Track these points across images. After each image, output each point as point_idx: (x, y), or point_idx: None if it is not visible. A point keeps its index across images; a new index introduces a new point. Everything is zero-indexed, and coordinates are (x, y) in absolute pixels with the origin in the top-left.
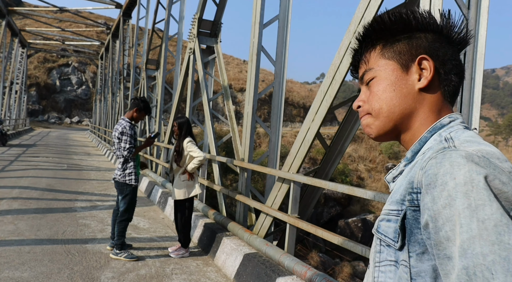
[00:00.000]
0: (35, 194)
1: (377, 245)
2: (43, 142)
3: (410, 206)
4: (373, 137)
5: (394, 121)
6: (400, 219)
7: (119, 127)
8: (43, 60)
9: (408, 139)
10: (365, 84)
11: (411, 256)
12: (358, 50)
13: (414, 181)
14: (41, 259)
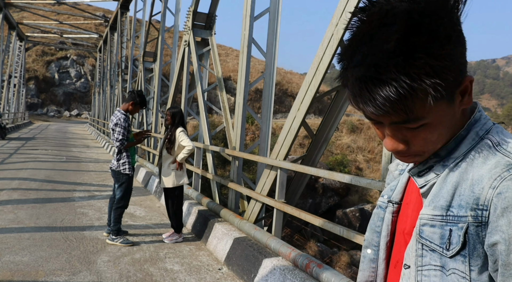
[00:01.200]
0: (34, 185)
1: (418, 249)
2: (42, 135)
3: (474, 222)
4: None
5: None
6: (463, 234)
7: (114, 119)
8: (41, 54)
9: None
10: (393, 131)
11: (472, 269)
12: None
13: (481, 197)
14: (40, 245)
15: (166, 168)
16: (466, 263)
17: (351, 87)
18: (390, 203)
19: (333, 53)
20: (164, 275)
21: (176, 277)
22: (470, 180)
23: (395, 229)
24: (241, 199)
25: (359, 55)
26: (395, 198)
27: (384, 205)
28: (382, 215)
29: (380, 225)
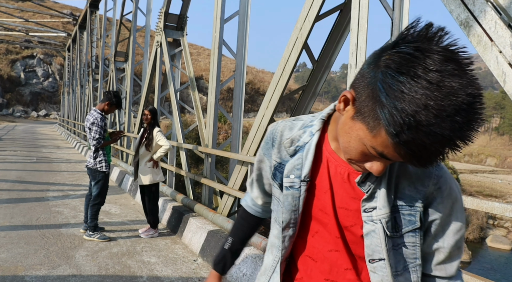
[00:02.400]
0: (5, 186)
1: (388, 242)
2: (9, 136)
3: (422, 208)
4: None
5: None
6: (419, 218)
7: (90, 118)
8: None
9: None
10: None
11: (420, 239)
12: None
13: (426, 191)
14: (17, 242)
15: (143, 166)
16: (417, 236)
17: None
18: (304, 182)
19: (298, 54)
20: (141, 267)
21: (153, 268)
22: (408, 178)
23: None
24: (214, 195)
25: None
26: (306, 177)
27: (297, 184)
28: (297, 194)
29: (297, 204)
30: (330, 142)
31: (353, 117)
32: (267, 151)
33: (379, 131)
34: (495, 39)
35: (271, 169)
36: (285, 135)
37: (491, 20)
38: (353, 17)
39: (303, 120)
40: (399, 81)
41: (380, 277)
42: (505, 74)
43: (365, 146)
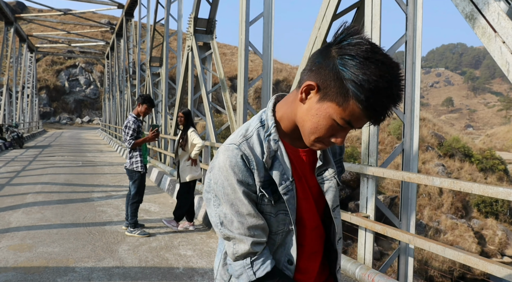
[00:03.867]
0: (55, 188)
1: (337, 193)
2: (57, 142)
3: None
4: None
5: None
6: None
7: (125, 122)
8: (51, 63)
9: None
10: (349, 128)
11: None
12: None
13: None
14: (68, 238)
15: (183, 165)
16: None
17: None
18: (293, 182)
19: None
20: (178, 259)
21: (189, 260)
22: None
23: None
24: None
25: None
26: (291, 176)
27: (290, 186)
28: (293, 194)
29: (295, 201)
30: (284, 139)
31: (319, 100)
32: (246, 178)
33: (348, 104)
34: (499, 30)
35: (258, 192)
36: (254, 154)
37: (494, 12)
38: (367, 15)
39: (251, 134)
40: (357, 62)
41: (338, 220)
42: (508, 64)
43: (334, 120)
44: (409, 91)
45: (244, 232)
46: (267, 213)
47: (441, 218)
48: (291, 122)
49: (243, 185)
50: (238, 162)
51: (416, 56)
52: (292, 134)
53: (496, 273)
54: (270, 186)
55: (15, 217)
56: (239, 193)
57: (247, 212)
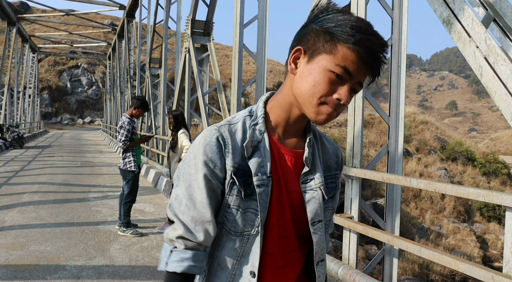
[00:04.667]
0: (52, 188)
1: (323, 206)
2: (58, 142)
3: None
4: (321, 124)
5: None
6: (339, 182)
7: (120, 123)
8: (53, 64)
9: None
10: (350, 87)
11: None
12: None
13: (338, 162)
14: (60, 237)
15: (173, 166)
16: (334, 201)
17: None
18: (270, 177)
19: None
20: None
21: None
22: (328, 153)
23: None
24: None
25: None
26: (270, 172)
27: (266, 181)
28: (267, 191)
29: (267, 199)
30: (272, 134)
31: (309, 60)
32: (217, 160)
33: (337, 49)
34: (472, 35)
35: (227, 178)
36: (235, 138)
37: (468, 17)
38: None
39: (237, 121)
40: (333, 14)
41: (319, 236)
42: (481, 68)
43: (329, 71)
44: (394, 93)
45: (185, 220)
46: (234, 206)
47: (443, 222)
48: (284, 109)
49: (207, 167)
50: (211, 141)
51: (402, 60)
52: (283, 129)
53: (467, 272)
54: (244, 176)
55: (10, 216)
56: (200, 174)
57: (200, 199)
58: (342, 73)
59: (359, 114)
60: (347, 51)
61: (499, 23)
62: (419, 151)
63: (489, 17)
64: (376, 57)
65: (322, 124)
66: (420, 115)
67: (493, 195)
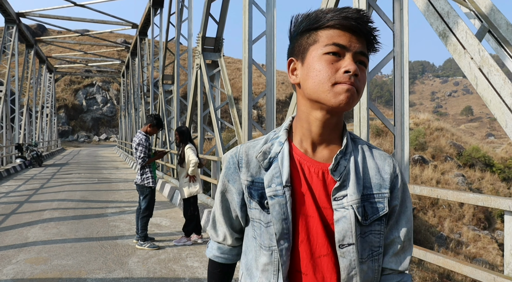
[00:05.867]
0: (71, 205)
1: (357, 227)
2: (75, 160)
3: (387, 194)
4: (346, 109)
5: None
6: (387, 204)
7: (136, 139)
8: (69, 83)
9: (336, 121)
10: (355, 61)
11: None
12: (373, 37)
13: (389, 179)
14: (81, 252)
15: (181, 181)
16: (383, 224)
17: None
18: (287, 187)
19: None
20: (185, 270)
21: (195, 271)
22: (373, 168)
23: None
24: None
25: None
26: (288, 182)
27: (281, 191)
28: (283, 201)
29: (286, 211)
30: (298, 147)
31: (303, 61)
32: (231, 176)
33: (318, 35)
34: (467, 47)
35: (244, 191)
36: (251, 153)
37: (462, 30)
38: None
39: (262, 138)
40: (304, 19)
41: (348, 261)
42: (476, 78)
43: (324, 54)
44: (398, 104)
45: (212, 220)
46: (256, 219)
47: (462, 229)
48: (304, 119)
49: (223, 184)
50: (228, 158)
51: (404, 71)
52: (310, 141)
53: (470, 274)
54: (262, 189)
55: (33, 232)
56: (218, 190)
57: (219, 210)
58: (335, 49)
59: (364, 125)
60: (329, 31)
61: (493, 34)
62: (435, 158)
63: (484, 29)
64: (358, 19)
65: (348, 106)
66: (435, 122)
67: (491, 199)
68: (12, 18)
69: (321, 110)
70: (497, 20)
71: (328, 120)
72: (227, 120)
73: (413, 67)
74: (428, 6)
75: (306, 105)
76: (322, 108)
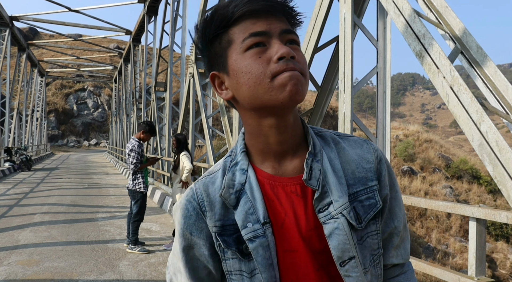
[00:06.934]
0: (62, 209)
1: (354, 236)
2: (64, 164)
3: (377, 186)
4: (300, 100)
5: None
6: (378, 197)
7: (129, 146)
8: (60, 87)
9: (293, 121)
10: (284, 42)
11: (380, 223)
12: (292, 12)
13: (372, 168)
14: (72, 254)
15: (174, 187)
16: (378, 222)
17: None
18: (267, 224)
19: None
20: None
21: None
22: (352, 161)
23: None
24: None
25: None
26: (266, 218)
27: (261, 231)
28: (266, 242)
29: (270, 254)
30: (262, 169)
31: (228, 71)
32: (194, 226)
33: (229, 35)
34: (440, 67)
35: (214, 241)
36: (212, 191)
37: (436, 51)
38: (341, 49)
39: (218, 167)
40: (201, 31)
41: (355, 279)
42: (448, 95)
43: (245, 51)
44: (381, 117)
45: None
46: (236, 272)
47: (449, 241)
48: (254, 131)
49: (184, 238)
50: (185, 204)
51: (386, 86)
52: (272, 155)
53: (439, 276)
54: (236, 232)
55: (23, 235)
56: (178, 246)
57: (183, 271)
58: (256, 40)
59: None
60: (238, 27)
61: (465, 55)
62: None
63: (457, 50)
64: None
65: (300, 95)
66: (424, 134)
67: (458, 207)
68: (5, 21)
69: (271, 114)
70: (468, 42)
71: (284, 122)
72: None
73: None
74: (407, 27)
75: (253, 117)
76: (271, 111)
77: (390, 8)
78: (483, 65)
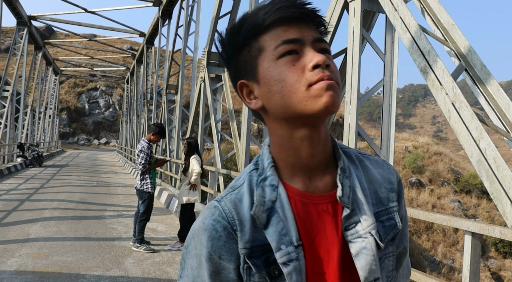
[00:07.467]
0: (71, 205)
1: (380, 257)
2: (74, 162)
3: (396, 207)
4: (334, 111)
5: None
6: (398, 218)
7: (139, 146)
8: (73, 85)
9: (324, 133)
10: (317, 50)
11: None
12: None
13: (393, 188)
14: (80, 250)
15: (183, 188)
16: (395, 243)
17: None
18: (300, 247)
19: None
20: (177, 273)
21: None
22: (376, 180)
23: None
24: None
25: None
26: (298, 240)
27: (295, 254)
28: (299, 267)
29: (301, 278)
30: (292, 185)
31: (259, 79)
32: (225, 248)
33: (260, 43)
34: (443, 84)
35: (241, 264)
36: (241, 209)
37: (440, 68)
38: (348, 62)
39: (241, 181)
40: (229, 36)
41: None
42: (450, 111)
43: (278, 59)
44: (385, 129)
45: None
46: None
47: (456, 255)
48: (285, 144)
49: (211, 262)
50: (211, 225)
51: (392, 99)
52: (302, 170)
53: None
54: (265, 253)
55: (34, 229)
56: (204, 271)
57: None
58: (289, 47)
59: (352, 147)
60: (269, 34)
61: (469, 72)
62: (432, 182)
63: (461, 67)
64: (296, 4)
65: (335, 106)
66: (434, 146)
67: (454, 220)
68: (24, 20)
69: (304, 125)
70: (473, 60)
71: (317, 134)
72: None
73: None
74: (413, 44)
75: (284, 128)
76: (305, 122)
77: (397, 24)
78: (486, 83)
